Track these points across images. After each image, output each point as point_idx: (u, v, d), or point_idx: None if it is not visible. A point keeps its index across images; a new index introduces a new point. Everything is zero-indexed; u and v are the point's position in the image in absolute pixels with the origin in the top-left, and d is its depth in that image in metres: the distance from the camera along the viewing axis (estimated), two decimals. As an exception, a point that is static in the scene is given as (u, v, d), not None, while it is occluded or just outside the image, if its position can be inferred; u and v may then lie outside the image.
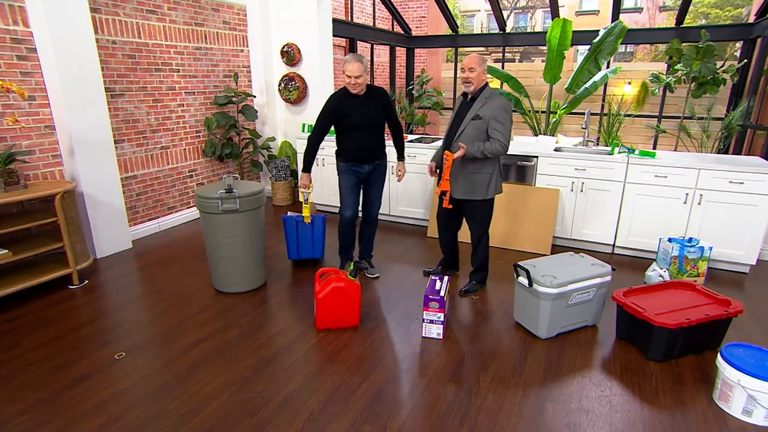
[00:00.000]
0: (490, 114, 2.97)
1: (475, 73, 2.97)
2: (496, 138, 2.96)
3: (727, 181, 3.59)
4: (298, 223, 3.66)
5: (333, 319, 2.92)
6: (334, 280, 2.87)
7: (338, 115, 3.23)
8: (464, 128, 3.05)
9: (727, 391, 2.24)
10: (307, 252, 3.79)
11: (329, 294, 2.85)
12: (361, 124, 3.24)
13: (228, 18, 5.28)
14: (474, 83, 2.99)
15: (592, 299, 2.88)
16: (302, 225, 3.66)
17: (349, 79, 3.12)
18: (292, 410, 2.23)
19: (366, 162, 3.37)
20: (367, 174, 3.43)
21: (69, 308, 3.19)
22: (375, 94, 3.28)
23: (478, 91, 3.04)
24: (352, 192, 3.42)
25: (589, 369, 2.57)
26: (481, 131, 3.00)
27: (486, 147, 2.96)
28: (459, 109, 3.16)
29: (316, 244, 3.78)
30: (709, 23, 15.91)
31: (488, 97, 3.01)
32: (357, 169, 3.38)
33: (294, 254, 3.78)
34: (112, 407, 2.25)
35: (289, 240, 3.74)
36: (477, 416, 2.20)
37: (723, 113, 7.15)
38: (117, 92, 4.19)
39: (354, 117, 3.22)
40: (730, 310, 2.63)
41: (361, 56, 3.11)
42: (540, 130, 7.60)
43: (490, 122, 2.97)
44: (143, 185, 4.55)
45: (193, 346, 2.76)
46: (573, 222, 4.17)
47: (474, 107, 3.03)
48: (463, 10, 23.10)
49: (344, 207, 3.42)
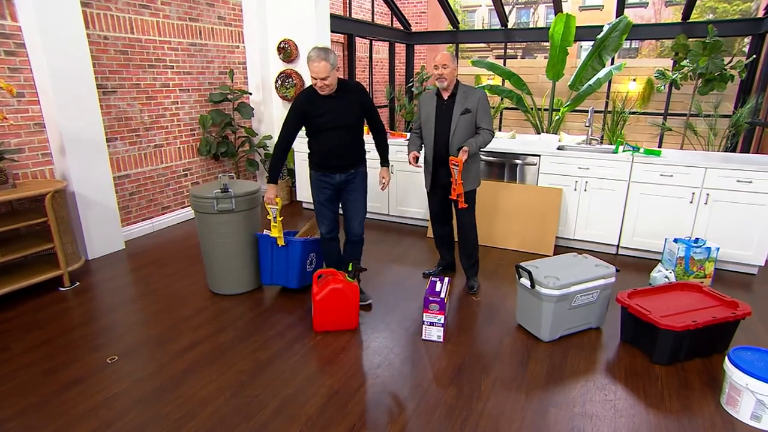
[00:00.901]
0: (477, 105, 3.08)
1: (449, 69, 3.01)
2: (485, 128, 3.10)
3: (735, 180, 3.52)
4: (273, 244, 3.19)
5: (331, 321, 2.86)
6: (332, 282, 2.81)
7: (307, 116, 2.85)
8: (456, 124, 3.09)
9: (735, 396, 2.19)
10: (280, 278, 3.26)
11: (327, 295, 2.79)
12: (332, 124, 2.84)
13: (223, 13, 5.19)
14: (448, 79, 3.03)
15: (596, 301, 2.82)
16: (278, 247, 3.18)
17: (314, 81, 2.72)
18: (289, 415, 2.19)
19: (338, 170, 2.95)
20: (341, 185, 3.01)
21: (60, 311, 3.12)
22: (348, 89, 2.87)
23: (455, 87, 3.11)
24: (325, 206, 3.04)
25: (593, 372, 2.52)
26: (471, 123, 3.11)
27: (480, 140, 3.08)
28: (438, 108, 3.16)
29: (290, 271, 3.22)
30: (716, 18, 15.83)
31: (466, 91, 3.10)
32: (327, 180, 2.97)
33: (267, 278, 3.29)
34: (105, 412, 2.20)
35: (263, 261, 3.26)
36: (478, 421, 2.16)
37: (731, 110, 7.08)
38: (109, 89, 4.11)
39: (324, 117, 2.83)
40: (738, 313, 2.58)
41: (327, 51, 2.68)
42: (542, 128, 7.54)
43: (478, 113, 3.09)
44: (136, 184, 4.47)
45: (187, 349, 2.70)
46: (576, 222, 4.11)
47: (458, 102, 3.09)
48: (463, 6, 22.99)
49: (319, 222, 3.11)
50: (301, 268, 3.22)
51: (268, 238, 3.17)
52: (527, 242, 4.15)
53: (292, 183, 5.72)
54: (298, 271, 3.21)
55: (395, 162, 4.67)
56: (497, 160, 4.29)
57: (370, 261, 3.83)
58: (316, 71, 2.67)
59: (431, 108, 3.18)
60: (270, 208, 3.07)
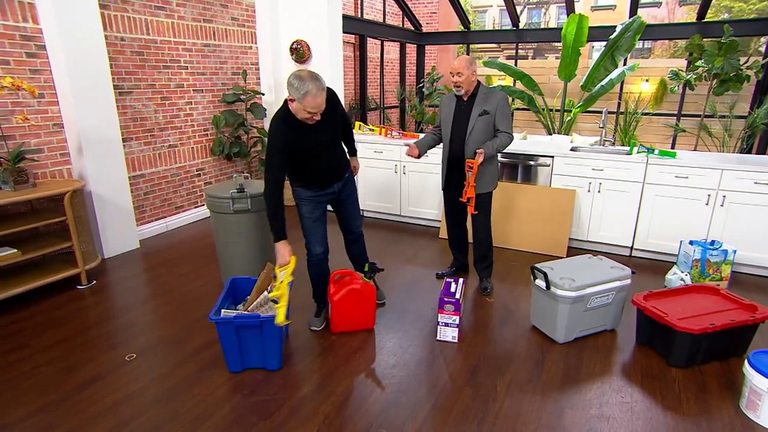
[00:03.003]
0: (496, 107, 3.05)
1: (464, 77, 2.99)
2: (504, 131, 3.07)
3: (752, 182, 3.48)
4: (239, 328, 2.40)
5: (348, 321, 2.87)
6: (349, 283, 2.82)
7: (290, 148, 2.50)
8: (473, 125, 3.07)
9: (756, 400, 2.16)
10: (255, 360, 2.52)
11: (345, 296, 2.79)
12: (315, 148, 2.57)
13: (237, 14, 5.23)
14: (464, 87, 3.04)
15: (611, 303, 2.80)
16: (245, 330, 2.41)
17: (310, 115, 2.39)
18: (306, 414, 2.20)
19: (333, 183, 2.75)
20: (337, 193, 2.82)
21: (78, 309, 3.16)
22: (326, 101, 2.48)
23: (475, 89, 3.09)
24: (317, 223, 2.76)
25: (609, 374, 2.51)
26: (489, 125, 3.09)
27: (498, 143, 3.06)
28: (456, 109, 3.16)
29: (268, 353, 2.50)
30: (732, 17, 15.64)
31: (487, 93, 3.08)
32: (322, 194, 2.73)
33: (236, 365, 2.50)
34: (123, 410, 2.22)
35: (226, 349, 2.46)
36: (495, 421, 2.16)
37: (746, 111, 6.98)
38: (125, 90, 4.15)
39: (306, 143, 2.53)
40: (757, 316, 2.55)
41: (320, 78, 2.38)
42: (554, 129, 7.49)
43: (497, 115, 3.06)
44: (151, 184, 4.52)
45: (204, 347, 2.72)
46: (590, 223, 4.08)
47: (477, 104, 3.07)
48: (474, 6, 22.93)
49: (311, 242, 2.78)
50: (281, 344, 2.57)
51: (230, 321, 2.37)
52: (540, 243, 4.13)
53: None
54: (279, 348, 2.53)
55: (406, 162, 4.69)
56: (510, 161, 4.28)
57: (383, 262, 3.84)
58: (319, 105, 2.37)
59: (450, 108, 3.20)
60: (279, 273, 2.49)
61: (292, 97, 2.39)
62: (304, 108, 2.37)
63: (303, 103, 2.35)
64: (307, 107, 2.36)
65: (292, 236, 2.66)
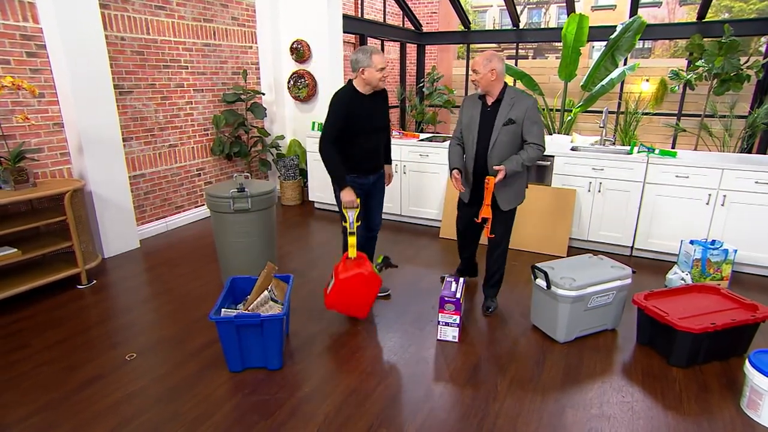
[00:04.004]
0: (523, 115, 2.73)
1: (480, 76, 2.72)
2: (533, 142, 2.74)
3: (753, 181, 3.48)
4: (239, 328, 2.44)
5: (344, 304, 2.85)
6: (359, 266, 2.79)
7: (350, 115, 2.81)
8: (497, 136, 2.77)
9: (757, 399, 2.16)
10: (256, 361, 2.55)
11: (351, 279, 2.77)
12: (369, 127, 2.89)
13: (237, 14, 5.23)
14: (481, 85, 2.76)
15: (612, 302, 2.80)
16: (245, 330, 2.45)
17: (380, 72, 2.77)
18: (306, 413, 2.20)
19: (372, 172, 3.02)
20: (371, 185, 3.07)
21: (78, 308, 3.16)
22: (379, 92, 2.94)
23: (501, 93, 2.78)
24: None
25: (610, 374, 2.51)
26: (516, 135, 2.77)
27: (525, 157, 2.74)
28: (482, 114, 2.85)
29: (269, 352, 2.52)
30: (732, 17, 15.63)
31: (514, 98, 2.76)
32: (362, 182, 2.99)
33: (237, 365, 2.53)
34: (124, 409, 2.22)
35: (227, 348, 2.49)
36: (495, 421, 2.16)
37: (747, 111, 6.97)
38: (125, 89, 4.15)
39: (363, 119, 2.85)
40: (759, 315, 2.55)
41: None
42: (554, 128, 7.49)
43: (525, 125, 2.74)
44: (151, 184, 4.52)
45: (204, 347, 2.72)
46: (590, 223, 4.08)
47: (501, 111, 2.76)
48: (475, 6, 22.93)
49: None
50: (282, 343, 2.58)
51: (231, 321, 2.41)
52: (540, 243, 4.13)
53: (304, 183, 5.74)
54: (280, 347, 2.54)
55: (407, 162, 4.68)
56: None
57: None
58: (385, 61, 2.78)
59: (475, 113, 2.87)
60: (348, 213, 2.81)
61: (362, 67, 2.75)
62: (375, 66, 2.74)
63: (372, 61, 2.72)
64: (377, 64, 2.73)
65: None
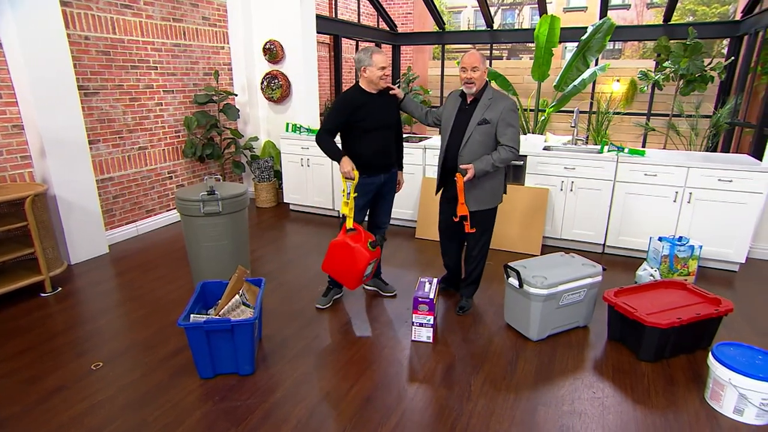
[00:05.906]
0: (498, 117, 2.71)
1: (479, 73, 2.67)
2: (506, 144, 2.71)
3: (716, 179, 3.58)
4: (209, 333, 2.37)
5: (335, 271, 2.90)
6: (352, 238, 2.81)
7: (355, 113, 2.83)
8: (470, 134, 2.76)
9: (719, 391, 2.22)
10: (227, 365, 2.48)
11: (337, 245, 2.82)
12: (378, 125, 2.88)
13: (208, 14, 5.13)
14: (477, 84, 2.71)
15: (583, 300, 2.84)
16: (215, 335, 2.38)
17: (381, 71, 2.79)
18: (279, 418, 2.17)
19: (383, 171, 2.99)
20: (381, 185, 3.04)
21: (42, 317, 3.05)
22: (385, 91, 2.95)
23: (480, 92, 2.77)
24: (361, 211, 3.04)
25: (582, 371, 2.54)
26: (490, 136, 2.74)
27: (496, 158, 2.71)
28: (458, 112, 2.85)
29: (240, 357, 2.45)
30: (696, 20, 16.10)
31: (492, 98, 2.74)
32: (372, 181, 2.97)
33: (207, 371, 2.46)
34: (89, 420, 2.16)
35: (196, 353, 2.42)
36: (469, 420, 2.16)
37: (711, 111, 7.20)
38: (91, 90, 4.03)
39: (369, 116, 2.85)
40: (721, 309, 2.62)
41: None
42: (528, 128, 7.59)
43: (499, 126, 2.72)
44: (120, 187, 4.40)
45: (174, 354, 2.66)
46: (563, 222, 4.14)
47: (478, 110, 2.74)
48: (449, 7, 23.10)
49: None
50: (253, 348, 2.50)
51: (200, 326, 2.35)
52: (514, 242, 4.18)
53: (279, 185, 5.68)
54: (252, 352, 2.47)
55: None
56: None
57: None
58: (385, 60, 2.81)
59: (453, 109, 2.88)
60: (346, 182, 2.85)
61: (364, 66, 2.80)
62: (375, 65, 2.77)
63: (373, 61, 2.77)
64: (378, 63, 2.77)
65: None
